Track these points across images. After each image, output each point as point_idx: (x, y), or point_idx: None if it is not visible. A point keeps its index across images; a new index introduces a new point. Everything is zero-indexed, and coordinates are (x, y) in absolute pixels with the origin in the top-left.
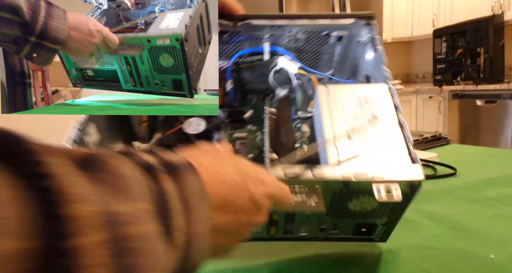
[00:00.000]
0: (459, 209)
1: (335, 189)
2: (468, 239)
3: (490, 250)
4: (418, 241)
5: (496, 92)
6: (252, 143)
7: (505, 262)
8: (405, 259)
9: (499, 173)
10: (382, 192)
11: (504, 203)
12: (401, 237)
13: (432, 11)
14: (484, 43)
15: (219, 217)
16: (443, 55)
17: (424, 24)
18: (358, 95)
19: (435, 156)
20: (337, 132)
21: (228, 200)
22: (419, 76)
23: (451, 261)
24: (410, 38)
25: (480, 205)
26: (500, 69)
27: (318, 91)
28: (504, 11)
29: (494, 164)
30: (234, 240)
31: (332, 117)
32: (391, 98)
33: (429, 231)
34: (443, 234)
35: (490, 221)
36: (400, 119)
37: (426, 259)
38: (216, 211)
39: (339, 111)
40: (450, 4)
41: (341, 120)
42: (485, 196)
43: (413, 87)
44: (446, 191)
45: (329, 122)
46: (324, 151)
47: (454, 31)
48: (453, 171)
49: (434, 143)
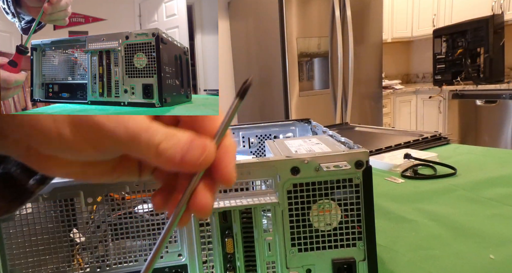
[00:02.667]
0: (459, 209)
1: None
2: (468, 239)
3: (490, 250)
4: (418, 241)
5: (496, 92)
6: None
7: (505, 262)
8: (405, 259)
9: (499, 173)
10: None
11: (504, 203)
12: (401, 237)
13: (432, 11)
14: (484, 43)
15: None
16: (443, 55)
17: (424, 24)
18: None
19: (435, 155)
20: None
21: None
22: (419, 76)
23: (450, 261)
24: (410, 38)
25: (480, 205)
26: (500, 69)
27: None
28: (504, 11)
29: (494, 164)
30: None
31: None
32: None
33: (429, 231)
34: (443, 234)
35: (490, 221)
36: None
37: (426, 259)
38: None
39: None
40: (450, 4)
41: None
42: (485, 196)
43: (413, 87)
44: (446, 191)
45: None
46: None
47: (454, 31)
48: (453, 171)
49: (434, 142)
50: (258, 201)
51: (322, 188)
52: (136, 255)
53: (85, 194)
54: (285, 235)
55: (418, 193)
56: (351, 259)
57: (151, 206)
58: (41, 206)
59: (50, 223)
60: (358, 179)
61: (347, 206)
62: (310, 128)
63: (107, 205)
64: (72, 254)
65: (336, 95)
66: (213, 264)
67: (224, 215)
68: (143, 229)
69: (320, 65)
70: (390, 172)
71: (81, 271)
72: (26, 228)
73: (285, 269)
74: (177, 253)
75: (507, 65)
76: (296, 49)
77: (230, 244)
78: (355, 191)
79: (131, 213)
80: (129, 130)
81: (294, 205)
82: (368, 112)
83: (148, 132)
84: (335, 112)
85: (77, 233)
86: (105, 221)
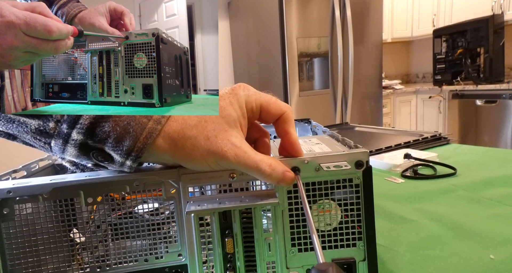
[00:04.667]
0: (459, 209)
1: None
2: (468, 239)
3: (490, 250)
4: (418, 241)
5: (496, 92)
6: None
7: (505, 262)
8: (405, 259)
9: (499, 173)
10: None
11: (504, 203)
12: (401, 237)
13: (432, 11)
14: (484, 43)
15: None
16: (443, 55)
17: (424, 24)
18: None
19: (435, 155)
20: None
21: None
22: (419, 76)
23: (451, 261)
24: (410, 38)
25: (480, 205)
26: (500, 69)
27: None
28: (504, 11)
29: (494, 164)
30: None
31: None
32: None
33: (429, 231)
34: (443, 234)
35: (490, 221)
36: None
37: (426, 259)
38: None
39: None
40: (450, 4)
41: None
42: (485, 196)
43: (413, 87)
44: (446, 191)
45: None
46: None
47: (454, 31)
48: (453, 171)
49: (434, 142)
50: (258, 201)
51: (322, 188)
52: (136, 255)
53: (85, 194)
54: (285, 235)
55: (418, 193)
56: (351, 259)
57: (151, 206)
58: (41, 206)
59: (50, 223)
60: (358, 179)
61: (347, 206)
62: (310, 128)
63: (107, 205)
64: (72, 254)
65: (336, 95)
66: (213, 264)
67: (224, 215)
68: (143, 229)
69: (320, 65)
70: (390, 172)
71: (81, 271)
72: (26, 228)
73: (285, 269)
74: (177, 253)
75: (507, 65)
76: (296, 49)
77: (230, 244)
78: (355, 191)
79: (131, 213)
80: (248, 166)
81: (294, 205)
82: (368, 112)
83: (260, 167)
84: (335, 112)
85: (77, 233)
86: (105, 221)
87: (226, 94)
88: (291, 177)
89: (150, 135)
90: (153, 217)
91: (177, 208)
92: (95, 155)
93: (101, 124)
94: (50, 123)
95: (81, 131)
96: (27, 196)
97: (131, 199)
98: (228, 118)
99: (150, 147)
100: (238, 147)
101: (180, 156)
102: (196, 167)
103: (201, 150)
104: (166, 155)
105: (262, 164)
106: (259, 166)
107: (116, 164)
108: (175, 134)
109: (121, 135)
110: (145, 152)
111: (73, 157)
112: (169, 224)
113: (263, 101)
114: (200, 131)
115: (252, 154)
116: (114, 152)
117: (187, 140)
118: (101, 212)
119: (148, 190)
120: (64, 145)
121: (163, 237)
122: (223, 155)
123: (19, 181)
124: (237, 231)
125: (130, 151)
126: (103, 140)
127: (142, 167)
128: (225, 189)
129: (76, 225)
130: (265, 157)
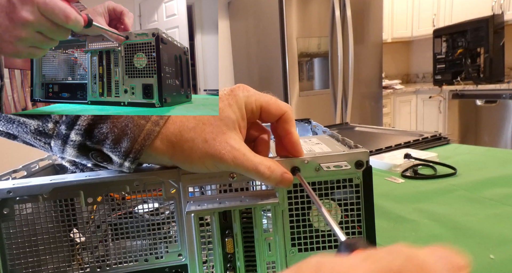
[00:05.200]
0: (459, 209)
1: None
2: (468, 239)
3: (490, 250)
4: (418, 241)
5: (496, 92)
6: None
7: (505, 262)
8: None
9: (499, 173)
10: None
11: (504, 203)
12: (401, 237)
13: (432, 11)
14: (484, 43)
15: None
16: (443, 55)
17: (424, 24)
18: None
19: (435, 155)
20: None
21: None
22: (419, 76)
23: None
24: (410, 38)
25: (480, 205)
26: (500, 69)
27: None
28: (504, 11)
29: (494, 164)
30: None
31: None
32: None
33: (429, 231)
34: (443, 234)
35: (490, 221)
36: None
37: None
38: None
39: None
40: (450, 4)
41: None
42: (485, 196)
43: (413, 87)
44: (446, 191)
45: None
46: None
47: (454, 31)
48: (453, 171)
49: (434, 142)
50: (258, 201)
51: (322, 188)
52: (136, 255)
53: (85, 194)
54: (285, 235)
55: (418, 193)
56: None
57: (151, 206)
58: (41, 206)
59: (50, 223)
60: (358, 179)
61: (347, 206)
62: (310, 128)
63: (107, 205)
64: (72, 254)
65: (336, 95)
66: (213, 264)
67: (224, 215)
68: (143, 229)
69: (320, 65)
70: (390, 172)
71: (81, 271)
72: (26, 228)
73: (285, 269)
74: (177, 253)
75: (507, 65)
76: (296, 49)
77: (230, 244)
78: (355, 191)
79: (131, 213)
80: (247, 168)
81: (294, 205)
82: (368, 112)
83: (259, 169)
84: (335, 112)
85: (77, 233)
86: (105, 221)
87: (225, 95)
88: (290, 179)
89: (148, 137)
90: (153, 217)
91: (177, 208)
92: (94, 155)
93: (99, 125)
94: (49, 124)
95: (79, 132)
96: (27, 196)
97: (131, 199)
98: (226, 121)
99: (148, 148)
100: (236, 149)
101: (178, 158)
102: (194, 169)
103: (199, 152)
104: (165, 157)
105: (260, 166)
106: (257, 168)
107: (115, 165)
108: (173, 136)
109: (119, 137)
110: (143, 153)
111: (73, 157)
112: (169, 224)
113: (263, 102)
114: (198, 134)
115: (250, 156)
116: (112, 153)
117: (185, 142)
118: (101, 212)
119: (148, 190)
120: (63, 146)
121: (163, 237)
122: (221, 157)
123: (19, 181)
124: (237, 231)
125: (128, 153)
126: (101, 141)
127: (142, 166)
128: (225, 189)
129: (76, 225)
130: (264, 159)
